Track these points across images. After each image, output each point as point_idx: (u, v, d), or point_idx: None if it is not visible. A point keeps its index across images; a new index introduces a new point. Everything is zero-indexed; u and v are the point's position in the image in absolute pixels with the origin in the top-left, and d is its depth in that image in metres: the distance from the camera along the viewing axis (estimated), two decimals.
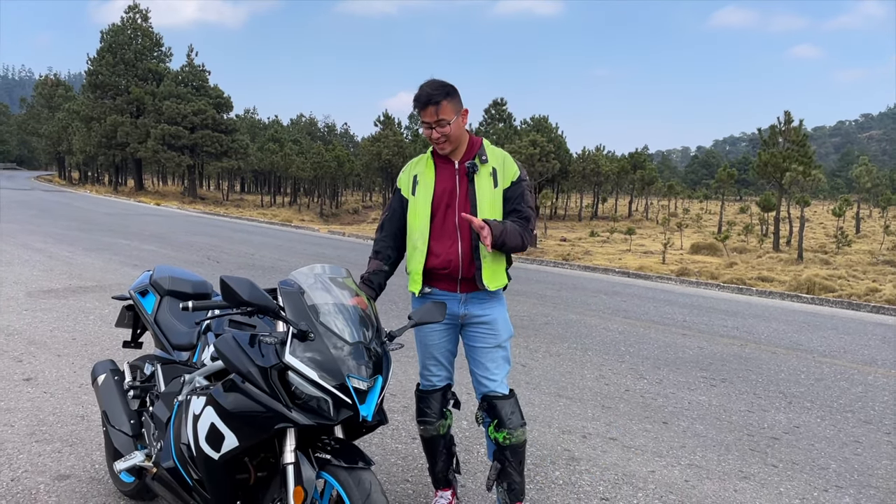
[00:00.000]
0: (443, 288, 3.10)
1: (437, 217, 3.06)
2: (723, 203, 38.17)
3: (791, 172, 24.10)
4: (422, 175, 3.12)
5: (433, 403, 3.19)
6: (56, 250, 12.69)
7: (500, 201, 3.04)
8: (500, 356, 3.14)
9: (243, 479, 2.57)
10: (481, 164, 3.04)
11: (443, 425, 3.21)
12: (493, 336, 3.11)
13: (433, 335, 3.17)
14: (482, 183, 3.02)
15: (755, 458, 4.18)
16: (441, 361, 3.21)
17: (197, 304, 2.36)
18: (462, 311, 3.10)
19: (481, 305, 3.10)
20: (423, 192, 3.09)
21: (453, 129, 2.97)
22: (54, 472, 3.61)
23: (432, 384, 3.22)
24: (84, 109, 50.56)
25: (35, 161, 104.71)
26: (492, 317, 3.10)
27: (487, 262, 3.02)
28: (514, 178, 3.07)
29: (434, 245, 3.06)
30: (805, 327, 8.70)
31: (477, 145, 3.10)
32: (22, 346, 5.94)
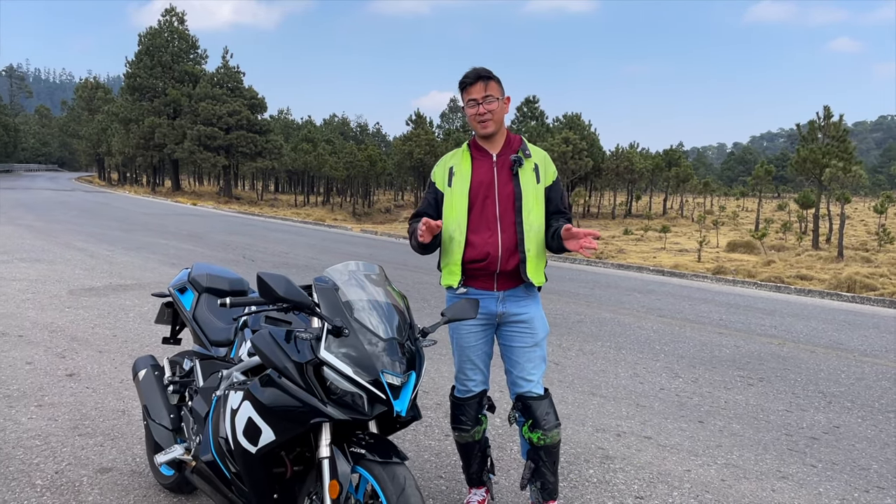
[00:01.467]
0: (480, 287, 3.08)
1: (475, 208, 3.05)
2: (760, 200, 37.52)
3: (831, 169, 23.63)
4: (458, 167, 3.13)
5: (469, 411, 3.18)
6: (97, 249, 12.98)
7: (542, 197, 3.07)
8: (538, 355, 3.13)
9: (280, 472, 2.61)
10: (526, 159, 3.06)
11: (478, 431, 3.20)
12: (531, 335, 3.10)
13: (469, 337, 3.15)
14: (526, 178, 3.04)
15: (794, 458, 4.11)
16: (477, 364, 3.18)
17: (234, 301, 2.41)
18: (500, 309, 3.08)
19: (518, 303, 3.09)
20: (460, 183, 3.09)
21: (498, 109, 3.00)
22: (97, 465, 3.70)
23: (468, 389, 3.20)
24: (123, 111, 51.59)
25: (76, 162, 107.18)
26: (529, 315, 3.09)
27: (532, 255, 3.02)
28: (555, 178, 3.12)
29: (472, 236, 3.04)
30: (845, 326, 8.53)
31: (517, 141, 3.13)
32: (65, 343, 6.09)
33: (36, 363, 5.45)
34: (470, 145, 3.17)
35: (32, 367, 5.35)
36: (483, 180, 3.06)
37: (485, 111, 2.99)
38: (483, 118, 3.00)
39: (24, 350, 5.79)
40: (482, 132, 3.06)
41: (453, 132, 51.58)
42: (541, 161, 3.10)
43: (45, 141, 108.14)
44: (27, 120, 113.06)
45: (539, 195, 3.06)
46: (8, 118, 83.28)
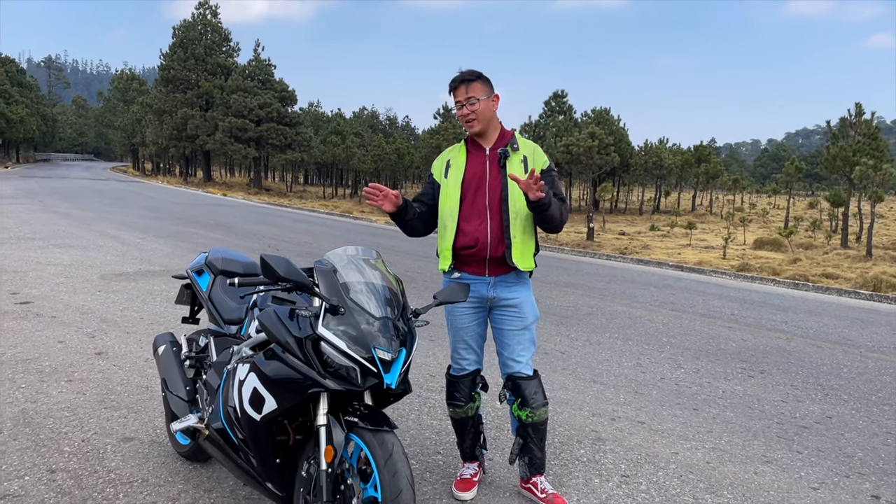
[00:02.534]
0: (472, 272, 3.30)
1: (467, 199, 3.26)
2: (790, 198, 37.09)
3: (861, 167, 23.32)
4: (454, 160, 3.35)
5: (462, 388, 3.40)
6: (128, 237, 13.42)
7: None
8: (527, 338, 3.32)
9: (283, 440, 2.84)
10: (513, 152, 3.25)
11: (471, 408, 3.42)
12: (520, 319, 3.29)
13: (463, 318, 3.36)
14: (513, 169, 3.22)
15: (781, 444, 4.26)
16: (471, 345, 3.40)
17: (242, 281, 2.65)
18: (491, 293, 3.29)
19: (509, 289, 3.29)
20: (455, 175, 3.31)
21: (482, 107, 3.19)
22: (120, 434, 3.97)
23: (462, 368, 3.42)
24: (156, 103, 52.52)
25: (111, 152, 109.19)
26: (519, 300, 3.29)
27: (517, 241, 3.20)
28: (545, 167, 3.27)
29: (463, 224, 3.26)
30: (857, 323, 8.56)
31: (508, 136, 3.32)
32: (94, 324, 6.42)
33: (67, 342, 5.77)
34: (466, 141, 3.39)
35: (64, 345, 5.67)
36: (476, 173, 3.27)
37: (468, 112, 3.20)
38: (468, 118, 3.22)
39: (57, 330, 6.12)
40: (469, 131, 3.29)
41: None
42: (529, 153, 3.28)
43: (82, 131, 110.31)
44: (65, 110, 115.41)
45: None
46: (46, 108, 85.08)
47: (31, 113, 69.17)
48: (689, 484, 3.64)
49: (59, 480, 3.38)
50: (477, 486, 3.47)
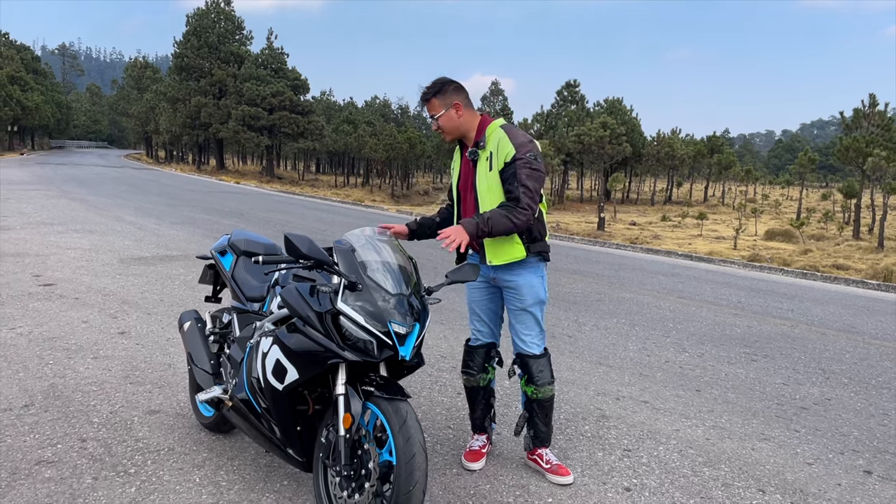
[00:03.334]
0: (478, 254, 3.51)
1: (462, 200, 3.51)
2: (802, 189, 36.99)
3: (874, 158, 23.26)
4: (454, 161, 3.60)
5: (476, 358, 3.60)
6: (145, 222, 13.67)
7: (497, 184, 3.29)
8: (528, 319, 3.46)
9: (303, 410, 3.03)
10: (480, 151, 3.35)
11: (483, 378, 3.60)
12: (518, 300, 3.44)
13: (474, 293, 3.59)
14: (481, 168, 3.35)
15: (780, 423, 4.41)
16: (482, 318, 3.59)
17: (266, 259, 2.83)
18: (492, 274, 3.49)
19: (509, 272, 3.43)
20: (454, 175, 3.57)
21: (443, 122, 3.33)
22: (145, 407, 4.18)
23: (476, 338, 3.64)
24: (170, 91, 52.82)
25: (125, 140, 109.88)
26: (517, 283, 3.42)
27: (488, 241, 3.36)
28: (508, 159, 3.24)
29: None
30: (863, 311, 8.67)
31: (482, 131, 3.37)
32: (116, 305, 6.63)
33: (91, 322, 5.98)
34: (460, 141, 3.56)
35: (88, 325, 5.89)
36: (465, 173, 3.48)
37: (436, 128, 3.38)
38: (440, 132, 3.41)
39: (80, 311, 6.34)
40: (446, 140, 3.47)
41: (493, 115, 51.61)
42: (494, 148, 3.30)
43: (96, 118, 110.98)
44: (79, 98, 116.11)
45: (492, 182, 3.30)
46: (61, 96, 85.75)
47: (45, 100, 69.74)
48: (688, 458, 3.81)
49: (90, 448, 3.58)
50: (485, 457, 3.64)
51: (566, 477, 3.45)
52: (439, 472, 3.51)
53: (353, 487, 2.75)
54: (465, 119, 3.37)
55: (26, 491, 3.12)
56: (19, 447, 3.54)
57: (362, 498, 2.71)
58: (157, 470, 3.39)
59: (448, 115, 3.33)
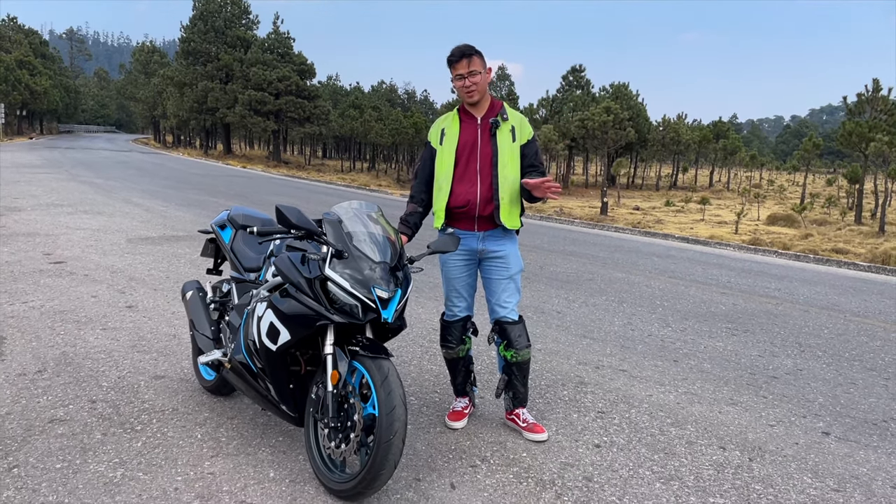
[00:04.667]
0: (463, 227, 3.68)
1: (460, 164, 3.63)
2: (806, 174, 37.01)
3: (876, 143, 23.30)
4: (448, 128, 3.70)
5: (454, 332, 3.82)
6: (152, 204, 13.95)
7: (517, 154, 3.61)
8: (513, 287, 3.72)
9: (295, 370, 3.30)
10: (503, 122, 3.60)
11: (462, 349, 3.83)
12: (505, 268, 3.68)
13: (455, 269, 3.77)
14: (503, 138, 3.58)
15: (749, 391, 4.66)
16: (462, 293, 3.80)
17: (261, 230, 3.10)
18: (480, 246, 3.67)
19: (496, 242, 3.67)
20: (449, 142, 3.67)
21: (481, 80, 3.53)
22: (151, 373, 4.45)
23: (454, 314, 3.83)
24: (177, 75, 53.01)
25: (132, 125, 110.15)
26: (505, 252, 3.67)
27: (505, 203, 3.57)
28: (530, 138, 3.65)
29: (456, 187, 3.63)
30: (849, 291, 8.88)
31: (498, 106, 3.66)
32: (124, 282, 6.90)
33: (100, 296, 6.26)
34: (459, 110, 3.74)
35: (97, 299, 6.16)
36: (468, 140, 3.63)
37: (470, 84, 3.53)
38: (469, 90, 3.54)
39: (90, 286, 6.62)
40: (468, 101, 3.62)
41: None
42: (517, 123, 3.63)
43: (104, 103, 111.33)
44: (87, 82, 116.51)
45: (514, 152, 3.60)
46: (69, 80, 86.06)
47: (54, 84, 70.05)
48: (657, 419, 4.06)
49: (100, 408, 3.85)
50: (467, 417, 3.91)
51: (541, 434, 3.71)
52: (424, 430, 3.78)
53: (340, 438, 3.01)
54: (488, 90, 3.64)
55: (41, 444, 3.39)
56: (33, 407, 3.82)
57: (348, 447, 2.97)
58: (162, 427, 3.66)
59: (485, 76, 3.56)
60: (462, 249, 3.70)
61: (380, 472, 2.85)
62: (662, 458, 3.55)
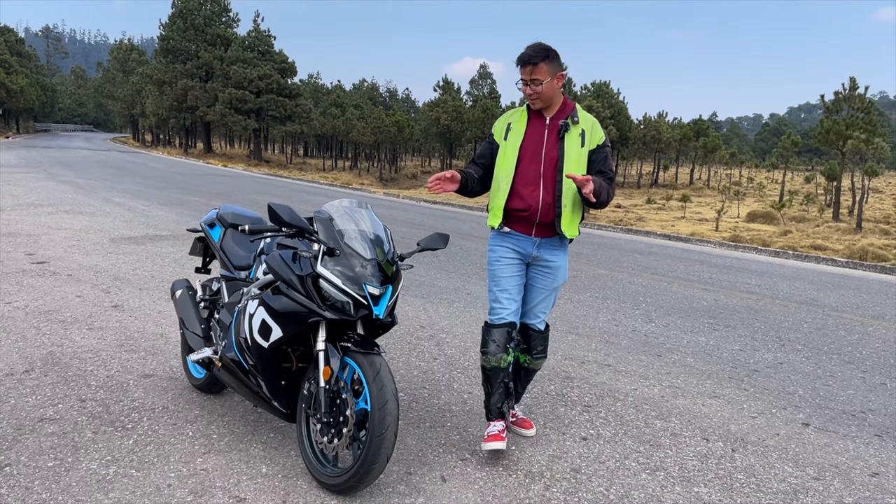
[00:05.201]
0: (520, 230, 3.47)
1: (523, 163, 3.41)
2: (785, 172, 37.47)
3: (853, 140, 23.66)
4: (515, 124, 3.48)
5: (498, 337, 3.45)
6: (134, 204, 13.86)
7: (584, 160, 3.38)
8: (553, 298, 3.61)
9: (287, 367, 3.33)
10: (573, 125, 3.38)
11: (504, 359, 3.45)
12: (552, 279, 3.52)
13: (507, 268, 3.50)
14: (571, 141, 3.36)
15: (731, 384, 4.76)
16: (513, 295, 3.50)
17: (252, 228, 3.13)
18: (535, 252, 3.47)
19: (552, 251, 3.48)
20: (514, 138, 3.45)
21: (545, 89, 3.32)
22: (140, 372, 4.46)
23: (502, 317, 3.47)
24: (156, 73, 52.53)
25: (111, 123, 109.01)
26: (557, 263, 3.51)
27: (567, 210, 3.37)
28: (601, 143, 3.42)
29: (518, 187, 3.41)
30: (828, 287, 9.05)
31: (570, 108, 3.44)
32: (108, 281, 6.88)
33: (85, 296, 6.24)
34: (529, 107, 3.51)
35: (82, 299, 6.14)
36: (534, 140, 3.41)
37: (531, 92, 3.34)
38: (530, 97, 3.38)
39: (74, 286, 6.59)
40: (532, 107, 3.46)
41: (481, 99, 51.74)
42: (588, 127, 3.41)
43: (81, 102, 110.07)
44: (63, 81, 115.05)
45: (581, 158, 3.37)
46: (45, 78, 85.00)
47: (30, 83, 69.14)
48: (642, 412, 4.15)
49: (90, 407, 3.86)
50: (505, 441, 3.43)
51: (529, 430, 3.72)
52: (414, 425, 3.82)
53: (332, 433, 3.05)
54: (559, 91, 3.42)
55: (31, 443, 3.40)
56: (22, 406, 3.82)
57: (341, 442, 3.02)
58: (153, 425, 3.67)
59: (551, 84, 3.34)
60: (515, 250, 3.50)
61: (372, 466, 2.90)
62: (648, 450, 3.63)
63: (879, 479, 3.43)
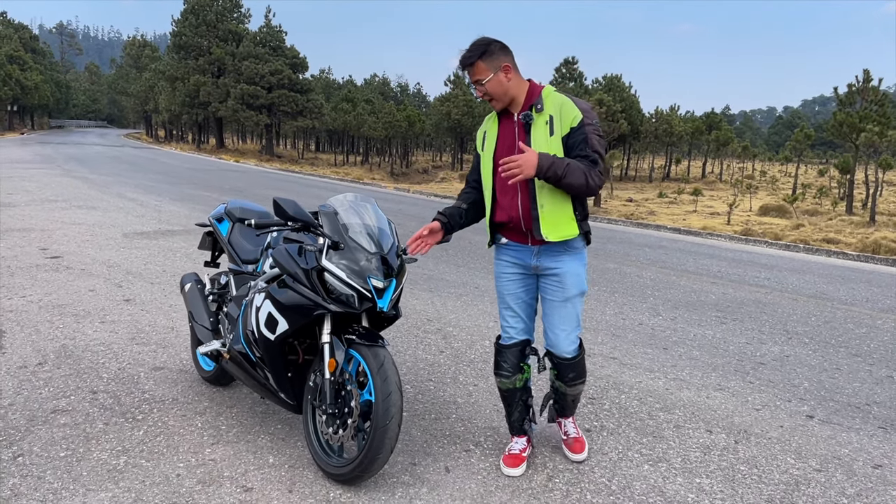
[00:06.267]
0: (516, 240, 3.18)
1: (499, 171, 3.06)
2: (798, 165, 37.21)
3: (867, 133, 23.46)
4: (489, 131, 3.20)
5: (509, 358, 3.26)
6: (146, 199, 13.99)
7: (558, 150, 2.96)
8: (569, 312, 3.15)
9: (293, 359, 3.39)
10: (536, 114, 3.00)
11: (519, 379, 3.28)
12: (560, 290, 3.12)
13: (508, 284, 3.25)
14: (537, 133, 2.99)
15: (736, 376, 4.77)
16: (517, 312, 3.26)
17: (258, 222, 3.19)
18: (535, 262, 3.15)
19: (553, 257, 3.11)
20: (488, 147, 3.18)
21: (491, 88, 2.99)
22: (151, 364, 4.53)
23: (509, 336, 3.28)
24: (169, 70, 52.87)
25: (124, 119, 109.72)
26: (562, 270, 3.10)
27: (546, 212, 3.00)
28: (575, 124, 2.95)
29: (499, 198, 3.15)
30: (837, 280, 9.00)
31: (534, 95, 3.05)
32: (121, 275, 6.97)
33: (97, 290, 6.33)
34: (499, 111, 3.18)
35: (94, 293, 6.23)
36: (507, 142, 3.11)
37: (481, 94, 3.05)
38: (485, 99, 3.07)
39: (87, 280, 6.68)
40: (494, 108, 3.15)
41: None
42: (556, 111, 2.98)
43: (95, 98, 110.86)
44: (77, 77, 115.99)
45: (553, 148, 2.96)
46: (59, 75, 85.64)
47: (45, 79, 69.73)
48: (646, 405, 4.17)
49: (101, 399, 3.94)
50: (526, 461, 3.35)
51: (577, 454, 3.39)
52: (419, 417, 3.87)
53: (337, 424, 3.11)
54: (515, 83, 3.03)
55: (44, 434, 3.47)
56: (35, 398, 3.89)
57: (346, 433, 3.07)
58: (163, 416, 3.74)
59: (497, 80, 2.99)
60: (516, 263, 3.23)
61: (377, 457, 2.95)
62: (651, 441, 3.66)
63: (882, 470, 3.44)
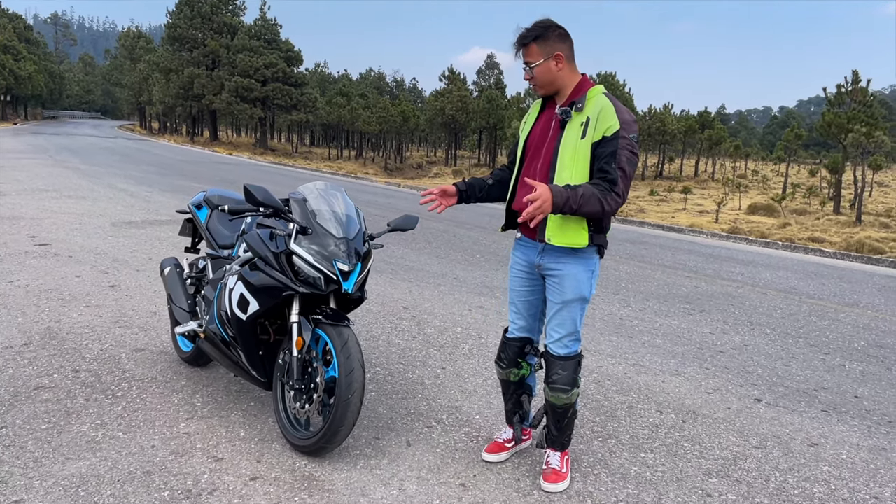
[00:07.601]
0: (528, 235, 3.12)
1: (527, 160, 3.06)
2: (788, 164, 37.54)
3: (854, 133, 23.73)
4: (529, 116, 3.14)
5: (508, 351, 3.28)
6: (136, 190, 14.13)
7: (585, 154, 2.84)
8: (565, 316, 3.04)
9: (265, 339, 3.57)
10: (575, 113, 2.88)
11: (514, 374, 3.28)
12: (558, 292, 3.02)
13: (515, 280, 3.23)
14: (570, 133, 2.87)
15: (694, 363, 4.98)
16: (520, 310, 3.23)
17: (231, 208, 3.38)
18: (538, 260, 3.06)
19: (556, 258, 3.00)
20: (523, 133, 3.12)
21: (538, 73, 2.89)
22: (132, 346, 4.71)
23: (511, 332, 3.29)
24: (163, 61, 52.85)
25: (118, 111, 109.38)
26: (562, 273, 2.98)
27: (553, 217, 2.89)
28: (609, 133, 2.80)
29: (519, 188, 3.09)
30: (810, 276, 9.23)
31: (581, 92, 2.93)
32: (107, 263, 7.13)
33: (84, 276, 6.49)
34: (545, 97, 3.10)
35: (81, 279, 6.40)
36: (540, 133, 3.03)
37: (528, 77, 2.96)
38: (530, 83, 2.99)
39: (74, 267, 6.84)
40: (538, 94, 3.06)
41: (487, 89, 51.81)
42: (593, 115, 2.83)
43: (89, 89, 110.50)
44: (72, 68, 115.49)
45: (580, 151, 2.83)
46: (53, 65, 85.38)
47: (38, 70, 69.55)
48: (603, 387, 4.38)
49: (83, 377, 4.11)
50: (508, 451, 3.38)
51: (552, 484, 3.13)
52: (387, 396, 4.07)
53: (304, 399, 3.30)
54: (565, 74, 2.92)
55: (27, 408, 3.65)
56: (20, 376, 4.07)
57: (312, 407, 3.26)
58: (142, 394, 3.92)
59: (546, 66, 2.89)
60: (523, 260, 3.17)
61: (339, 429, 3.14)
62: (603, 420, 3.86)
63: (817, 448, 3.65)
